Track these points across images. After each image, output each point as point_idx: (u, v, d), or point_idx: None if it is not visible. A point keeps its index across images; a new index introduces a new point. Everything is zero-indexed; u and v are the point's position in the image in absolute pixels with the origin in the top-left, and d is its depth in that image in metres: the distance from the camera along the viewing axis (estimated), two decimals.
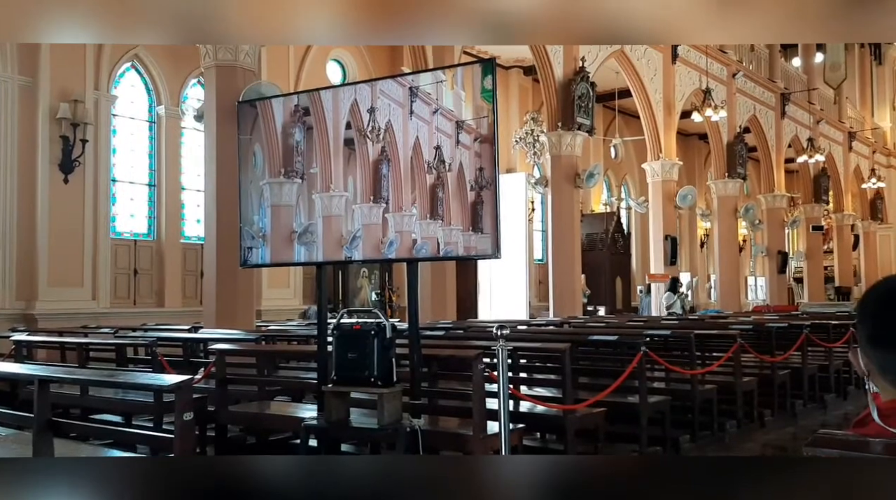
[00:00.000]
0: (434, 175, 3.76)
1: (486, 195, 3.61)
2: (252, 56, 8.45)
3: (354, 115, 3.95)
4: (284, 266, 8.70)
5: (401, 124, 3.83)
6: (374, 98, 3.90)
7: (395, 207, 3.87)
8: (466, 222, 3.67)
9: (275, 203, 4.16)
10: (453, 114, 3.71)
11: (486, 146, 3.63)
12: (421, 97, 3.78)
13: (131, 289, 11.22)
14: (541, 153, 16.46)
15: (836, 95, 25.49)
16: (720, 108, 16.00)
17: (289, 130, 4.10)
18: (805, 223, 23.06)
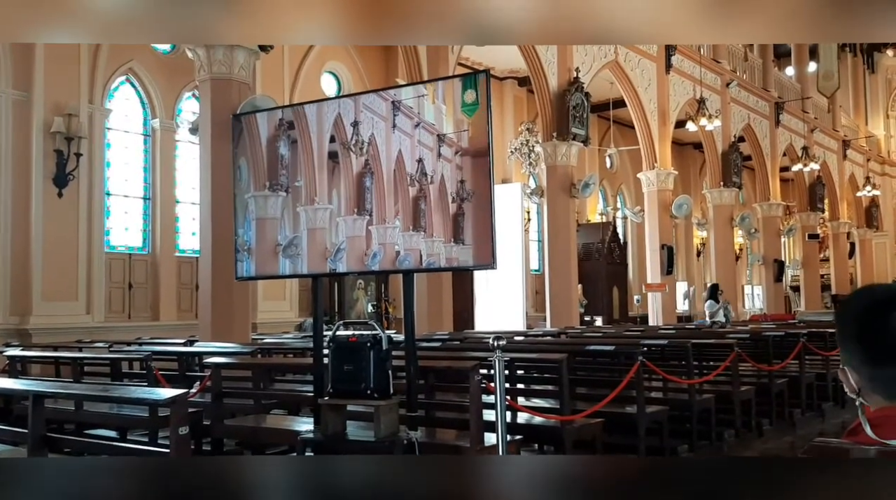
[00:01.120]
0: (416, 187, 3.76)
1: (467, 207, 3.62)
2: (247, 69, 8.45)
3: (338, 128, 3.96)
4: (276, 279, 8.66)
5: (384, 138, 3.83)
6: (358, 112, 3.90)
7: (379, 220, 3.87)
8: (448, 234, 3.67)
9: (260, 216, 4.16)
10: (435, 127, 3.71)
11: (467, 159, 3.65)
12: (403, 111, 3.78)
13: (126, 303, 11.18)
14: (536, 163, 16.48)
15: (830, 103, 25.59)
16: (714, 117, 16.04)
17: (273, 144, 4.10)
18: (801, 231, 23.10)
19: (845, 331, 1.47)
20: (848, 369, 1.45)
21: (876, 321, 1.41)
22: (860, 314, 1.45)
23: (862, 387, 1.43)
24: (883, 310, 1.42)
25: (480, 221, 3.61)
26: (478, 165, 3.62)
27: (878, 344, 1.40)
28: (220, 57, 8.20)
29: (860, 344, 1.43)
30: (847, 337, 1.46)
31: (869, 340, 1.41)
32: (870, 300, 1.47)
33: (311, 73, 13.49)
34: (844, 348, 1.47)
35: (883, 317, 1.40)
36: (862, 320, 1.44)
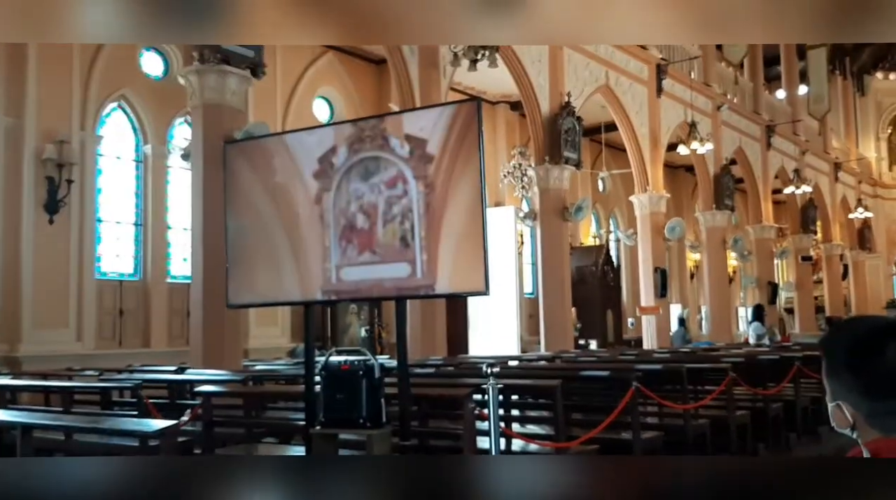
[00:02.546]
0: (406, 214, 3.75)
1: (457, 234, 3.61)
2: (239, 95, 8.45)
3: (326, 159, 3.95)
4: (268, 306, 8.58)
5: (377, 166, 3.82)
6: (339, 142, 3.89)
7: (370, 246, 3.84)
8: (439, 261, 3.65)
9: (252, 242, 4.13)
10: (409, 157, 3.71)
11: (432, 193, 3.67)
12: (382, 141, 3.79)
13: (117, 330, 11.08)
14: (529, 187, 16.51)
15: (821, 126, 25.79)
16: (706, 140, 16.11)
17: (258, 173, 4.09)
18: (794, 254, 23.16)
19: (836, 363, 1.43)
20: (843, 404, 1.41)
21: (873, 352, 1.37)
22: (852, 345, 1.41)
23: (857, 421, 1.40)
24: (879, 340, 1.38)
25: (473, 248, 3.58)
26: (470, 192, 3.60)
27: (877, 376, 1.36)
28: (212, 83, 8.20)
29: (856, 377, 1.39)
30: (840, 369, 1.42)
31: (867, 371, 1.38)
32: (863, 330, 1.43)
33: (304, 98, 13.53)
34: (837, 382, 1.43)
35: (880, 347, 1.37)
36: (856, 350, 1.40)
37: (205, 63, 8.11)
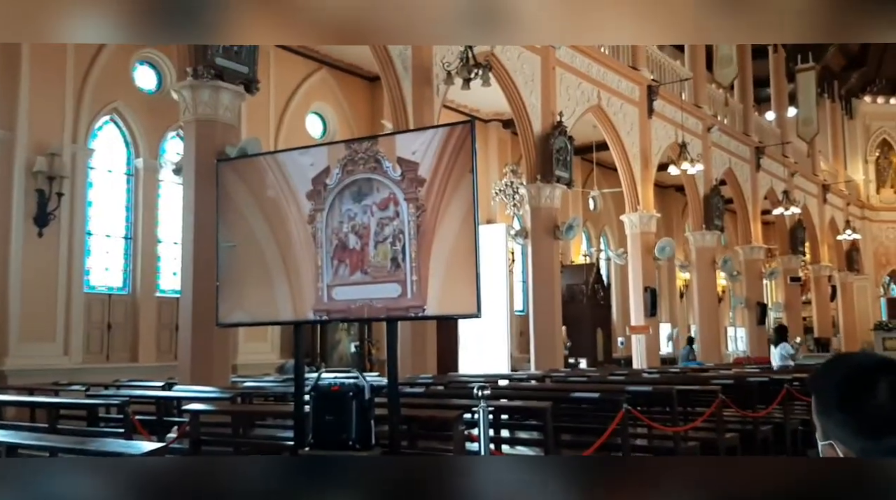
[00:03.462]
0: (398, 235, 3.75)
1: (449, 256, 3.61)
2: (232, 110, 8.45)
3: (319, 180, 3.96)
4: (258, 326, 8.52)
5: (370, 187, 3.83)
6: (332, 163, 3.90)
7: (362, 267, 3.84)
8: (430, 282, 3.65)
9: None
10: (401, 180, 3.73)
11: (423, 215, 3.68)
12: (375, 163, 3.80)
13: (104, 344, 11.00)
14: (520, 205, 16.56)
15: (810, 148, 26.02)
16: (696, 161, 16.22)
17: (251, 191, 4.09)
18: (783, 274, 23.27)
19: (827, 402, 1.41)
20: (835, 443, 1.39)
21: (864, 390, 1.36)
22: (843, 384, 1.39)
23: None
24: (870, 378, 1.36)
25: (464, 270, 3.58)
26: (462, 215, 3.61)
27: (868, 415, 1.35)
28: (206, 98, 8.20)
29: (848, 416, 1.37)
30: (831, 408, 1.40)
31: (858, 410, 1.36)
32: (854, 368, 1.41)
33: (297, 114, 13.55)
34: (828, 420, 1.41)
35: (871, 386, 1.35)
36: (846, 389, 1.38)
37: (198, 78, 8.11)
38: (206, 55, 8.05)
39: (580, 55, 14.48)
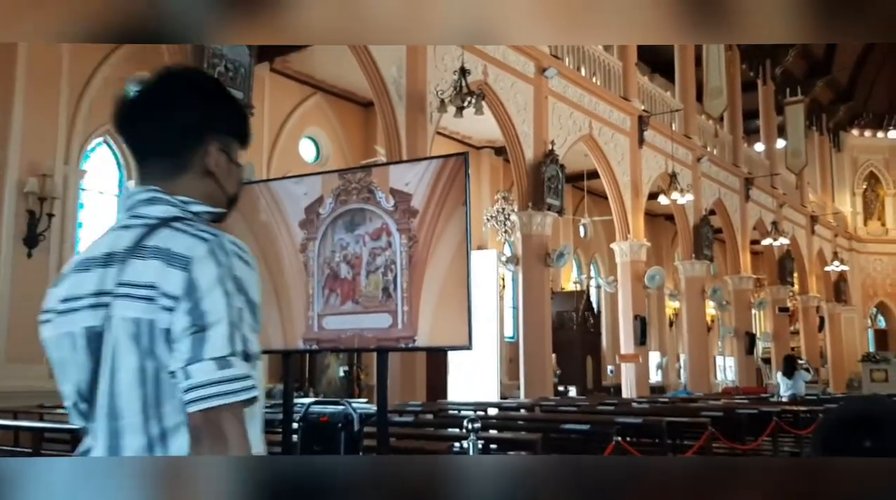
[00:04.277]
0: (381, 270, 3.76)
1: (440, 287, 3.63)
2: None
3: (307, 208, 3.99)
4: None
5: (363, 218, 3.85)
6: (326, 193, 3.93)
7: (353, 297, 3.84)
8: (421, 313, 3.66)
9: None
10: (393, 211, 3.75)
11: (415, 246, 3.70)
12: (368, 193, 3.83)
13: None
14: (511, 232, 16.61)
15: (798, 180, 26.27)
16: (686, 191, 16.36)
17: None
18: (771, 305, 23.36)
19: (816, 456, 1.41)
20: None
21: (845, 446, 1.33)
22: (826, 438, 1.38)
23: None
24: (849, 432, 1.34)
25: (456, 301, 3.59)
26: (454, 246, 3.62)
27: None
28: None
29: None
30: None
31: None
32: (833, 423, 1.40)
33: (291, 138, 13.59)
34: None
35: (850, 440, 1.33)
36: (829, 444, 1.37)
37: None
38: None
39: (572, 85, 14.63)
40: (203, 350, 1.18)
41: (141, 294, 1.22)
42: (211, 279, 1.21)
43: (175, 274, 1.21)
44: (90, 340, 1.27)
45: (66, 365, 1.32)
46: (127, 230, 1.31)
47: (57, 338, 1.33)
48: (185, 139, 1.36)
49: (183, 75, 1.45)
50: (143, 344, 1.21)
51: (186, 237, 1.25)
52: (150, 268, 1.23)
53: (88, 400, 1.28)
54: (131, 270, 1.25)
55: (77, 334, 1.29)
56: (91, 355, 1.27)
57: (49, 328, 1.34)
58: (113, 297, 1.25)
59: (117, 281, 1.26)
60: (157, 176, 1.36)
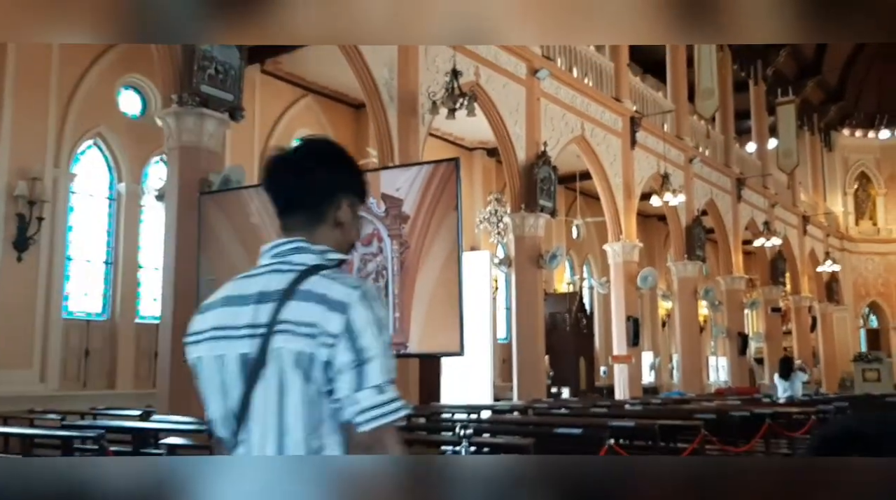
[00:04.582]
0: (372, 276, 3.73)
1: (434, 293, 3.60)
2: (217, 137, 8.43)
3: None
4: None
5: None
6: None
7: None
8: (407, 321, 3.63)
9: None
10: (384, 216, 3.72)
11: (406, 252, 3.66)
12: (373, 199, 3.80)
13: (81, 371, 10.84)
14: (504, 233, 16.59)
15: (790, 180, 26.34)
16: (678, 192, 16.37)
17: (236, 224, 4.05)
18: (764, 305, 23.41)
19: None
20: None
21: None
22: (813, 456, 1.37)
23: None
24: (837, 450, 1.33)
25: (448, 308, 3.56)
26: (445, 252, 3.60)
27: None
28: (190, 126, 8.17)
29: None
30: None
31: None
32: (820, 439, 1.39)
33: (282, 140, 13.53)
34: None
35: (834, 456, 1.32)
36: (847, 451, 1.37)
37: (183, 105, 8.09)
38: (190, 83, 8.04)
39: (564, 86, 14.62)
40: (365, 380, 1.44)
41: (304, 331, 1.46)
42: (364, 321, 1.46)
43: (335, 317, 1.46)
44: (242, 365, 1.50)
45: (214, 384, 1.55)
46: (278, 274, 1.54)
47: (207, 360, 1.56)
48: (322, 197, 1.62)
49: (321, 146, 1.71)
50: (306, 372, 1.45)
51: (339, 285, 1.50)
52: (311, 310, 1.47)
53: (238, 416, 1.51)
54: (290, 309, 1.48)
55: (229, 358, 1.52)
56: (243, 377, 1.50)
57: (199, 350, 1.58)
58: (272, 330, 1.48)
59: (277, 318, 1.48)
60: (298, 227, 1.61)
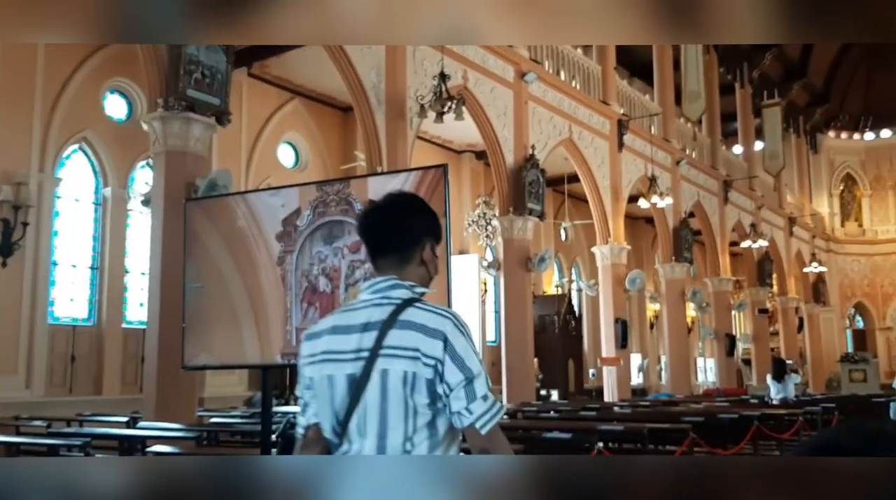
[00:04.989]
0: (360, 283, 3.72)
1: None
2: (203, 142, 8.38)
3: (284, 221, 3.93)
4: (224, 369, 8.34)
5: (342, 230, 3.80)
6: (303, 205, 3.87)
7: (323, 312, 3.79)
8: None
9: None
10: None
11: None
12: (346, 205, 3.78)
13: (68, 376, 10.75)
14: (493, 237, 16.60)
15: (776, 182, 26.50)
16: (665, 194, 16.43)
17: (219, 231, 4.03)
18: (751, 306, 23.54)
19: None
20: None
21: None
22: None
23: None
24: None
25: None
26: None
27: None
28: (176, 130, 8.13)
29: None
30: None
31: None
32: (807, 453, 1.40)
33: (269, 144, 13.50)
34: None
35: None
36: None
37: (169, 110, 8.05)
38: (177, 87, 7.99)
39: (552, 90, 14.65)
40: (475, 393, 1.77)
41: (408, 355, 1.76)
42: (463, 347, 1.77)
43: (436, 343, 1.76)
44: (350, 382, 1.80)
45: (324, 398, 1.85)
46: (379, 307, 1.84)
47: (319, 378, 1.86)
48: (410, 243, 1.94)
49: (407, 200, 2.05)
50: (409, 388, 1.75)
51: (434, 316, 1.80)
52: (412, 337, 1.78)
53: (343, 424, 1.81)
54: (393, 337, 1.79)
55: (337, 378, 1.82)
56: (350, 392, 1.79)
57: (313, 370, 1.88)
58: (376, 354, 1.78)
59: (381, 344, 1.78)
60: (390, 267, 1.92)
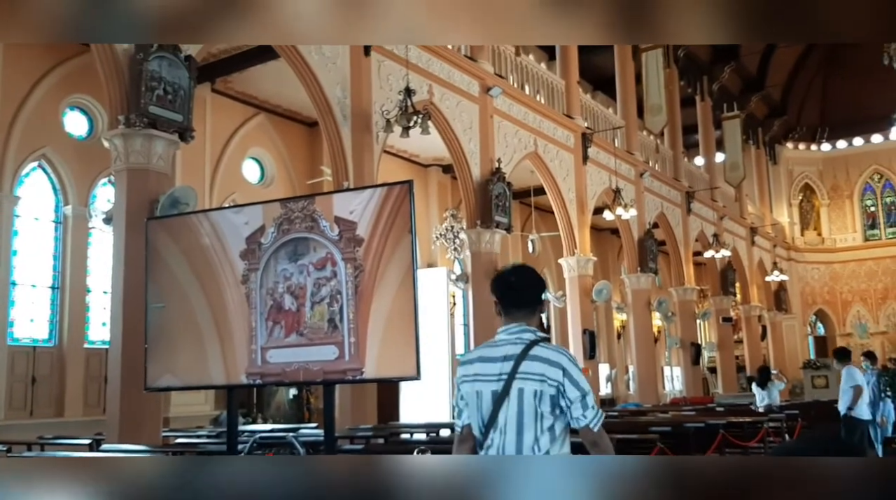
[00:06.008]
0: (326, 300, 3.70)
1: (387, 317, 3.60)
2: (166, 159, 8.28)
3: (248, 238, 3.90)
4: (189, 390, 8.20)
5: (293, 248, 3.78)
6: (267, 222, 3.85)
7: (298, 329, 3.76)
8: (369, 344, 3.60)
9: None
10: (338, 239, 3.70)
11: (361, 276, 3.69)
12: (311, 222, 3.77)
13: (28, 399, 10.51)
14: (461, 250, 16.63)
15: (737, 193, 26.95)
16: (630, 206, 16.62)
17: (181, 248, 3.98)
18: (715, 315, 23.84)
19: None
20: None
21: None
22: None
23: None
24: None
25: (404, 332, 3.54)
26: (400, 275, 3.58)
27: None
28: (138, 147, 8.01)
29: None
30: None
31: None
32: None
33: (233, 159, 13.39)
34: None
35: None
36: None
37: (131, 127, 7.93)
38: (138, 103, 7.89)
39: (517, 104, 14.76)
40: (587, 404, 2.58)
41: (536, 378, 2.59)
42: (576, 373, 2.61)
43: (557, 371, 2.59)
44: (493, 396, 2.62)
45: (474, 408, 2.68)
46: (514, 345, 2.66)
47: (469, 393, 2.70)
48: (533, 301, 2.80)
49: (529, 271, 2.91)
50: (538, 401, 2.57)
51: (554, 352, 2.66)
52: (539, 366, 2.60)
53: (487, 425, 2.61)
54: (525, 365, 2.60)
55: (484, 394, 2.65)
56: (493, 404, 2.61)
57: (466, 387, 2.71)
58: (513, 377, 2.60)
59: (517, 370, 2.60)
60: (521, 317, 2.74)
